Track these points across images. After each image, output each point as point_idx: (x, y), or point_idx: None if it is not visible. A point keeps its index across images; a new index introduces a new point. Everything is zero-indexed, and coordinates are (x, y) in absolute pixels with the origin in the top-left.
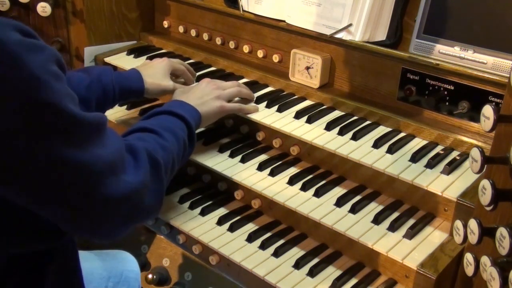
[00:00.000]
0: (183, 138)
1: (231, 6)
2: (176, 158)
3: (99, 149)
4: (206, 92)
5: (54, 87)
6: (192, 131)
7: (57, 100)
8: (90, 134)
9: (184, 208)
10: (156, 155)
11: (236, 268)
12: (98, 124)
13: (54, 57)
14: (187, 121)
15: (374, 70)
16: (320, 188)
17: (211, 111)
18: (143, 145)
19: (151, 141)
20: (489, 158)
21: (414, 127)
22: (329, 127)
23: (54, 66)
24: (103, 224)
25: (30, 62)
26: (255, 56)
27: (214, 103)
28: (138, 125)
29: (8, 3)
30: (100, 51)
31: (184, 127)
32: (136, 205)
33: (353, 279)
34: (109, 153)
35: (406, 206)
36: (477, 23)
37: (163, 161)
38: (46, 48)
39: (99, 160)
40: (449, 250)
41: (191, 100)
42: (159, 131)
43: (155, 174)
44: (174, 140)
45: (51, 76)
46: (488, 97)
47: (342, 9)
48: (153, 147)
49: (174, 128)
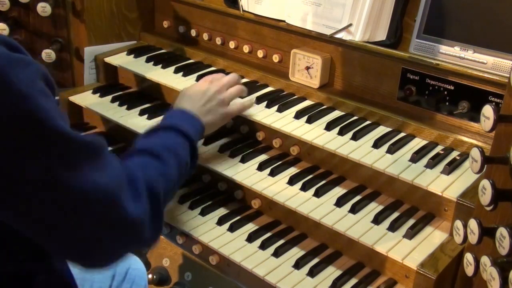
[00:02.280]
0: (185, 159)
1: (231, 6)
2: (177, 181)
3: (95, 174)
4: (210, 97)
5: (41, 104)
6: (195, 149)
7: (46, 117)
8: (85, 156)
9: (184, 208)
10: (157, 186)
11: (236, 268)
12: (95, 147)
13: (40, 73)
14: (191, 139)
15: (374, 70)
16: (320, 188)
17: (216, 120)
18: (143, 176)
19: (151, 169)
20: (489, 158)
21: (414, 127)
22: (329, 127)
23: (41, 82)
24: (94, 255)
25: (16, 78)
26: (255, 56)
27: (218, 110)
28: (139, 145)
29: (8, 3)
30: (100, 51)
31: (188, 145)
32: (133, 238)
33: (353, 279)
34: (107, 181)
35: (406, 206)
36: (477, 23)
37: (163, 192)
38: (32, 64)
39: (95, 187)
40: (449, 250)
41: (196, 108)
42: (161, 155)
43: (154, 208)
44: (176, 164)
45: (38, 92)
46: (488, 97)
47: (342, 9)
48: (154, 177)
49: (177, 148)
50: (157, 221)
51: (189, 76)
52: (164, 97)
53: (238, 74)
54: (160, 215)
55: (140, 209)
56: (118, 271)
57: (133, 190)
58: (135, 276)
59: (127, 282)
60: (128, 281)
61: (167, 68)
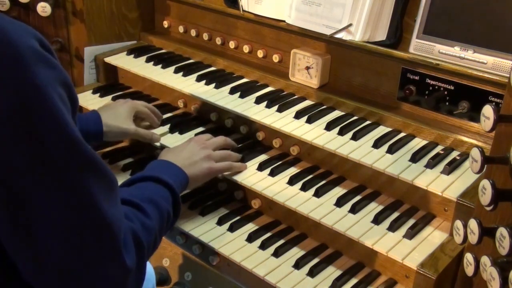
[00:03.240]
0: (167, 210)
1: (231, 6)
2: (159, 234)
3: (107, 203)
4: (195, 152)
5: (56, 103)
6: (177, 199)
7: (59, 116)
8: (99, 180)
9: (184, 208)
10: (141, 238)
11: (236, 268)
12: (111, 179)
13: (63, 81)
14: (173, 190)
15: (374, 70)
16: (320, 188)
17: (200, 174)
18: (129, 226)
19: (135, 221)
20: (489, 158)
21: (414, 127)
22: (329, 127)
23: (61, 89)
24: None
25: (36, 73)
26: (255, 56)
27: (203, 164)
28: (121, 195)
29: (8, 3)
30: (100, 51)
31: (169, 196)
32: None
33: (353, 279)
34: (118, 217)
35: (406, 206)
36: (477, 23)
37: (146, 244)
38: (58, 68)
39: (100, 210)
40: (449, 250)
41: (179, 160)
42: (142, 207)
43: (139, 259)
44: (158, 215)
45: (55, 93)
46: (488, 97)
47: (342, 9)
48: (138, 229)
49: (158, 199)
50: (141, 273)
51: (189, 76)
52: (164, 97)
53: (238, 74)
54: (143, 267)
55: (130, 258)
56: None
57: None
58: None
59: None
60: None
61: (167, 68)
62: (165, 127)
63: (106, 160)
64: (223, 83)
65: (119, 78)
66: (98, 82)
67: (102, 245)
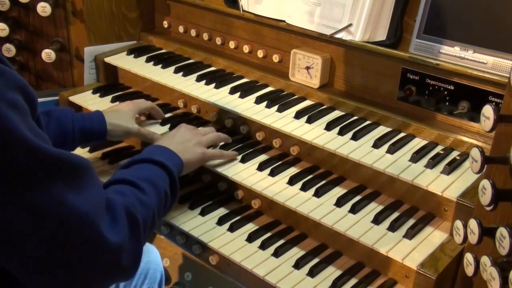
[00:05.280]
0: (164, 189)
1: (231, 6)
2: (157, 212)
3: (70, 195)
4: (187, 137)
5: (6, 114)
6: (174, 179)
7: (10, 127)
8: (59, 174)
9: (184, 208)
10: (136, 213)
11: (236, 268)
12: (75, 166)
13: (14, 84)
14: (169, 170)
15: (374, 70)
16: (320, 188)
17: (193, 158)
18: (122, 201)
19: (130, 196)
20: (489, 158)
21: (414, 127)
22: (329, 127)
23: (14, 93)
24: (73, 283)
25: None
26: (255, 56)
27: (196, 149)
28: (116, 176)
29: (8, 3)
30: (100, 51)
31: (166, 176)
32: (111, 265)
33: (353, 279)
34: (83, 204)
35: (406, 206)
36: (477, 23)
37: (142, 219)
38: (6, 73)
39: (69, 209)
40: (449, 250)
41: (173, 146)
42: (139, 184)
43: (133, 234)
44: (155, 193)
45: (3, 103)
46: (488, 97)
47: (342, 9)
48: (132, 204)
49: (155, 178)
50: (135, 248)
51: (189, 76)
52: (164, 97)
53: (238, 74)
54: (139, 241)
55: (119, 234)
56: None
57: (111, 216)
58: (157, 271)
59: (150, 279)
60: (151, 279)
61: (167, 68)
62: (165, 127)
63: (106, 160)
64: (223, 83)
65: (119, 78)
66: (98, 82)
67: (83, 236)
